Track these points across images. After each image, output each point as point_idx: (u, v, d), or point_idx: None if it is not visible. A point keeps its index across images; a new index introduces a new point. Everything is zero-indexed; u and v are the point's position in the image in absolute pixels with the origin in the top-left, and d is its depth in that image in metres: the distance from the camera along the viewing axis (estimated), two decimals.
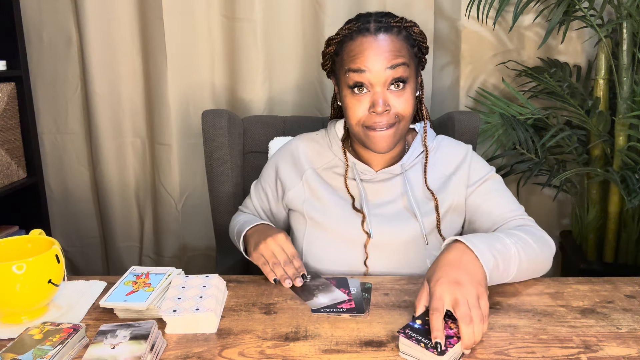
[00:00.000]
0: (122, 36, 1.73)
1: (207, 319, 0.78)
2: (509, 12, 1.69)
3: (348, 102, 0.99)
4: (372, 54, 0.95)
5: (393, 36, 0.97)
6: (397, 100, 0.97)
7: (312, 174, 1.10)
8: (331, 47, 1.05)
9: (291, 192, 1.11)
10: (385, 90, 0.96)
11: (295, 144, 1.15)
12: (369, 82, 0.96)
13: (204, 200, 1.78)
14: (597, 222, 1.69)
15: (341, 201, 1.06)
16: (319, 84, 1.72)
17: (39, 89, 1.82)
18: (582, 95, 1.67)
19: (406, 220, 1.03)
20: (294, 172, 1.12)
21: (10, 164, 1.71)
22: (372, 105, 0.96)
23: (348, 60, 0.98)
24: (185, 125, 1.77)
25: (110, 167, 1.83)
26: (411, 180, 1.07)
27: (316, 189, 1.08)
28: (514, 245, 0.90)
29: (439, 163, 1.09)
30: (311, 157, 1.13)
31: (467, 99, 1.79)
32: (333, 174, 1.10)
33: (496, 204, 1.05)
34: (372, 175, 1.07)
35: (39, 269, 0.79)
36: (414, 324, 0.75)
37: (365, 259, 1.03)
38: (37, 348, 0.70)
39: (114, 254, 1.93)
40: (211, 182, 1.35)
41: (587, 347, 0.74)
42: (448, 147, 1.12)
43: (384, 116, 0.96)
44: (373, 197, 1.06)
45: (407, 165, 1.07)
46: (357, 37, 0.98)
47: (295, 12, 1.67)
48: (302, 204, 1.08)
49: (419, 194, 1.06)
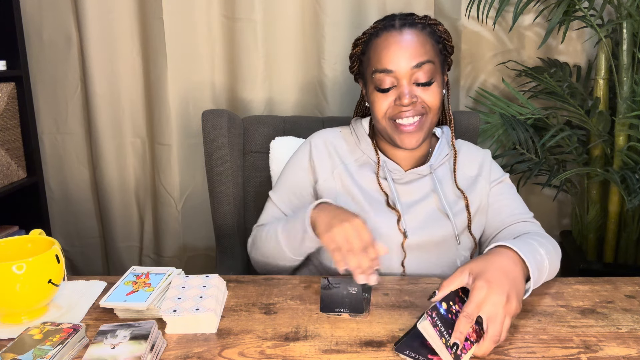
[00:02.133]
0: (122, 36, 1.73)
1: (207, 319, 0.78)
2: (509, 12, 1.69)
3: (374, 99, 1.00)
4: (397, 48, 0.96)
5: (417, 31, 0.98)
6: (424, 93, 0.97)
7: (344, 170, 1.07)
8: (358, 48, 1.05)
9: (324, 182, 1.08)
10: (412, 84, 0.97)
11: (326, 136, 1.13)
12: (396, 78, 0.97)
13: (204, 200, 1.78)
14: (597, 222, 1.69)
15: (374, 200, 1.04)
16: (319, 84, 1.72)
17: (39, 89, 1.82)
18: (582, 95, 1.67)
19: (439, 220, 1.03)
20: (327, 162, 1.09)
21: (10, 164, 1.71)
22: (398, 97, 0.97)
23: (374, 59, 0.99)
24: (185, 125, 1.77)
25: (110, 167, 1.83)
26: (440, 180, 1.07)
27: (348, 186, 1.06)
28: (547, 257, 0.89)
29: (463, 165, 1.10)
30: (342, 153, 1.10)
31: (467, 99, 1.79)
32: (364, 172, 1.07)
33: (507, 205, 1.07)
34: (402, 174, 1.06)
35: (39, 269, 0.79)
36: (440, 307, 0.72)
37: (403, 259, 1.02)
38: (37, 348, 0.70)
39: (114, 254, 1.93)
40: (211, 182, 1.35)
41: (587, 347, 0.74)
42: (469, 149, 1.13)
43: (411, 106, 0.97)
44: (404, 196, 1.05)
45: (435, 165, 1.07)
46: (383, 33, 0.99)
47: (295, 12, 1.67)
48: (335, 198, 1.05)
49: (449, 193, 1.06)
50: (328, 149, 1.10)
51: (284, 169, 1.15)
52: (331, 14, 1.64)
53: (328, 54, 1.67)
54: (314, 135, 1.14)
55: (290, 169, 1.14)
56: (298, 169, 1.12)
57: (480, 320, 0.72)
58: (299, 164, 1.12)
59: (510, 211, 1.06)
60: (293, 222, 0.97)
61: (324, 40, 1.66)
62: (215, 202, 1.36)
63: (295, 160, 1.13)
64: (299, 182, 1.11)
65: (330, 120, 1.44)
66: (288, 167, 1.14)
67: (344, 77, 1.68)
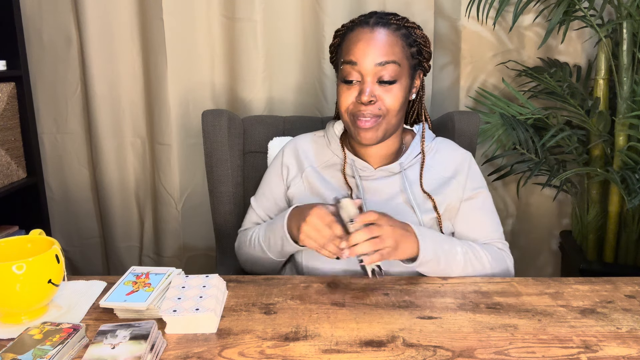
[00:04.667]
0: (122, 36, 1.73)
1: (207, 319, 0.78)
2: (509, 12, 1.69)
3: (339, 91, 1.03)
4: (364, 45, 0.98)
5: (389, 31, 1.00)
6: (384, 94, 0.99)
7: (312, 172, 1.11)
8: (336, 39, 1.08)
9: (294, 187, 1.12)
10: (375, 83, 0.99)
11: (297, 142, 1.18)
12: (359, 73, 0.99)
13: (204, 200, 1.78)
14: (597, 222, 1.69)
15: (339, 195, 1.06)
16: (319, 84, 1.72)
17: (39, 89, 1.82)
18: (582, 95, 1.67)
19: (404, 215, 1.04)
20: (296, 167, 1.14)
21: (10, 164, 1.71)
22: (359, 94, 0.99)
23: (344, 51, 1.02)
24: (185, 125, 1.77)
25: (110, 167, 1.83)
26: (410, 179, 1.08)
27: (315, 186, 1.10)
28: (463, 254, 0.99)
29: (438, 165, 1.11)
30: (311, 156, 1.14)
31: (467, 99, 1.79)
32: (332, 172, 1.11)
33: (481, 222, 1.10)
34: (371, 172, 1.08)
35: (39, 269, 0.79)
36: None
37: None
38: (37, 348, 0.70)
39: (114, 254, 1.93)
40: (211, 182, 1.35)
41: (587, 347, 0.74)
42: (447, 149, 1.13)
43: (369, 107, 0.99)
44: (372, 194, 1.08)
45: (405, 164, 1.09)
46: (357, 28, 1.02)
47: (295, 12, 1.67)
48: (302, 200, 1.08)
49: (418, 193, 1.07)
50: (298, 155, 1.15)
51: (263, 176, 1.21)
52: (331, 14, 1.64)
53: (328, 54, 1.67)
54: (289, 142, 1.19)
55: (266, 176, 1.20)
56: (273, 176, 1.17)
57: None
58: (274, 171, 1.17)
59: (482, 230, 1.09)
60: (271, 230, 1.04)
61: (324, 40, 1.66)
62: (215, 202, 1.36)
63: (270, 169, 1.20)
64: (273, 189, 1.16)
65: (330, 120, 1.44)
66: (265, 174, 1.20)
67: None
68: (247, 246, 1.12)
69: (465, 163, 1.11)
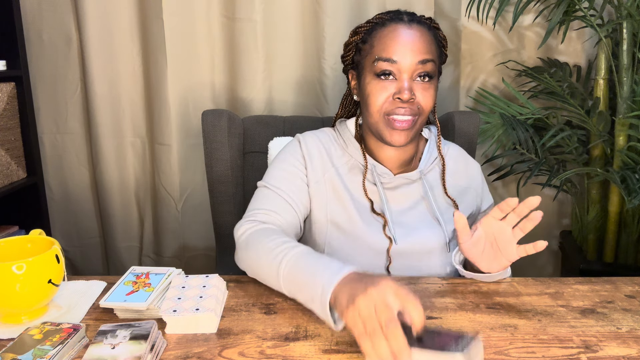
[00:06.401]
0: (122, 36, 1.73)
1: (207, 319, 0.78)
2: (509, 12, 1.69)
3: (371, 88, 0.96)
4: (405, 42, 0.93)
5: (424, 29, 0.96)
6: (422, 93, 0.95)
7: (335, 175, 1.04)
8: (358, 36, 1.01)
9: (316, 184, 1.03)
10: (412, 81, 0.95)
11: (318, 137, 1.08)
12: (398, 70, 0.94)
13: (204, 200, 1.77)
14: (597, 222, 1.69)
15: (361, 206, 1.02)
16: (319, 84, 1.72)
17: (39, 89, 1.82)
18: (582, 95, 1.67)
19: (430, 227, 1.01)
20: (319, 164, 1.04)
21: (10, 164, 1.71)
22: (398, 91, 0.94)
23: (379, 48, 0.95)
24: (185, 125, 1.77)
25: (110, 167, 1.83)
26: (431, 185, 1.05)
27: (338, 191, 1.03)
28: None
29: (452, 173, 1.08)
30: (334, 155, 1.07)
31: (467, 99, 1.79)
32: (351, 177, 1.04)
33: None
34: (390, 178, 1.04)
35: (39, 269, 0.79)
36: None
37: (387, 264, 1.00)
38: (37, 348, 0.70)
39: (114, 254, 1.93)
40: (211, 182, 1.35)
41: (587, 347, 0.74)
42: (458, 157, 1.11)
43: (408, 104, 0.94)
44: (393, 201, 1.03)
45: (425, 170, 1.06)
46: (390, 23, 0.96)
47: (295, 12, 1.67)
48: (326, 204, 1.02)
49: (441, 200, 1.05)
50: (319, 150, 1.06)
51: (273, 164, 1.07)
52: (331, 14, 1.64)
53: (328, 54, 1.67)
54: (306, 134, 1.09)
55: (281, 164, 1.05)
56: (292, 162, 1.04)
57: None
58: (292, 158, 1.04)
59: None
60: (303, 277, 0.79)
61: (324, 40, 1.66)
62: (215, 202, 1.36)
63: (286, 157, 1.05)
64: (296, 176, 1.03)
65: (330, 120, 1.44)
66: (278, 162, 1.06)
67: (344, 77, 1.68)
68: (257, 254, 0.89)
69: (479, 175, 1.10)
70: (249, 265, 0.92)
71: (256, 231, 0.93)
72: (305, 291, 0.78)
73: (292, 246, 0.84)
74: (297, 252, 0.83)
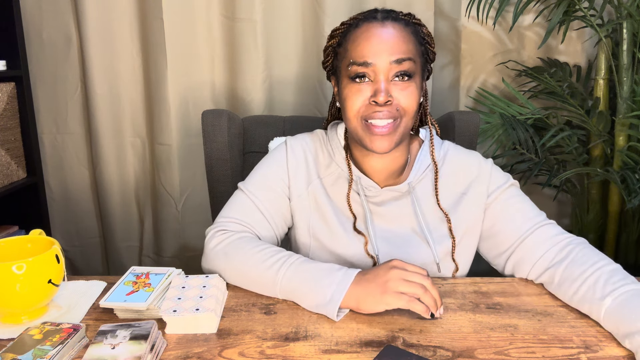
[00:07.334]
0: (122, 36, 1.73)
1: (207, 319, 0.78)
2: (509, 12, 1.69)
3: (347, 92, 0.91)
4: (377, 42, 0.88)
5: (400, 26, 0.90)
6: (400, 93, 0.88)
7: (319, 186, 1.00)
8: (334, 40, 0.96)
9: (298, 198, 1.00)
10: (389, 82, 0.88)
11: (306, 144, 1.04)
12: (374, 72, 0.88)
13: (204, 200, 1.78)
14: (597, 222, 1.69)
15: (344, 221, 0.98)
16: (319, 84, 1.72)
17: (39, 89, 1.82)
18: (582, 95, 1.67)
19: (417, 246, 0.95)
20: (304, 175, 1.00)
21: (10, 164, 1.71)
22: (373, 94, 0.88)
23: (352, 51, 0.90)
24: (185, 125, 1.77)
25: (110, 167, 1.83)
26: (420, 199, 0.98)
27: (321, 206, 0.98)
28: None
29: (448, 178, 0.99)
30: (319, 165, 1.02)
31: (467, 99, 1.79)
32: (336, 189, 0.99)
33: (519, 209, 0.97)
34: (377, 191, 0.97)
35: (39, 269, 0.79)
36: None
37: None
38: (37, 348, 0.70)
39: (114, 254, 1.93)
40: (211, 182, 1.35)
41: (587, 347, 0.74)
42: (457, 158, 1.02)
43: (386, 108, 0.88)
44: (379, 217, 0.97)
45: (414, 182, 0.98)
46: (363, 24, 0.91)
47: (295, 12, 1.67)
48: (308, 219, 0.99)
49: (430, 215, 0.97)
50: (306, 159, 1.01)
51: (257, 169, 1.04)
52: (331, 14, 1.64)
53: None
54: (293, 140, 1.04)
55: (266, 170, 1.03)
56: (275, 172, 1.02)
57: None
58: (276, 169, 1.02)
59: (524, 216, 0.95)
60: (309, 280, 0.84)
61: (324, 41, 1.66)
62: (215, 202, 1.36)
63: (271, 165, 1.03)
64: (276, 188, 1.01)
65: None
66: (261, 168, 1.04)
67: None
68: (240, 261, 0.90)
69: (482, 172, 0.99)
70: (233, 275, 0.92)
71: (235, 240, 0.94)
72: (310, 298, 0.84)
73: (286, 255, 0.89)
74: (294, 261, 0.87)
